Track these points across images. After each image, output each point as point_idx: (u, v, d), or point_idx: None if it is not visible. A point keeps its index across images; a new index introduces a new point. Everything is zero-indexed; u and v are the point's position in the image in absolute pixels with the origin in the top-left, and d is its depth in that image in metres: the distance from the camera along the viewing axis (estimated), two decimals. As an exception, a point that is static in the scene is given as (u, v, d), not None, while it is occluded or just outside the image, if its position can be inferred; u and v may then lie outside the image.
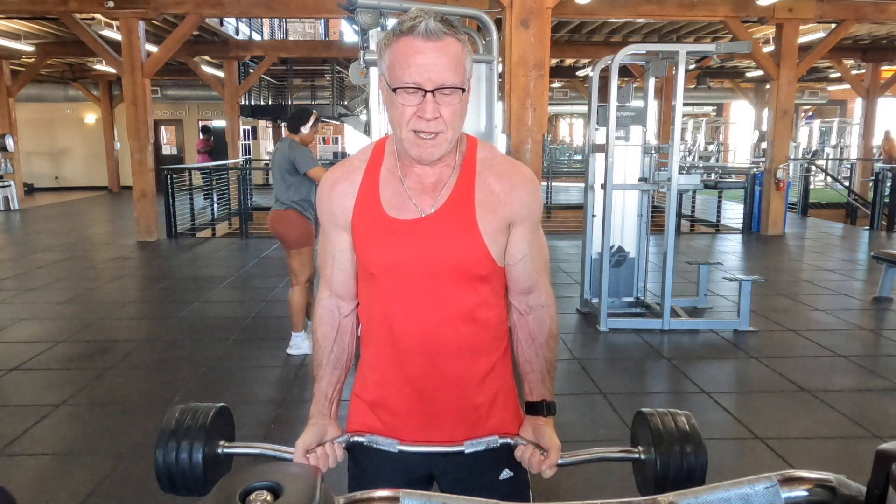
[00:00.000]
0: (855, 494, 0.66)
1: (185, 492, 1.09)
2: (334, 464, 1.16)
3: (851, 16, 8.81)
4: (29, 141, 16.63)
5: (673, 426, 1.07)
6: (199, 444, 1.07)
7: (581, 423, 3.38)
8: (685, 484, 1.01)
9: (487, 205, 1.15)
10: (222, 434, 1.15)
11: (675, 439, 1.05)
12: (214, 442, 1.11)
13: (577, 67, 15.85)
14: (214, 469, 1.11)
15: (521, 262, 1.20)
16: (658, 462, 1.04)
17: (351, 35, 13.99)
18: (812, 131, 21.21)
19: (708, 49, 4.80)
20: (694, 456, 1.04)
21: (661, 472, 1.03)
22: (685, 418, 1.09)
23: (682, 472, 1.03)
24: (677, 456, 1.04)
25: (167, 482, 1.07)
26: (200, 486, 1.08)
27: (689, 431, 1.07)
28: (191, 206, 10.10)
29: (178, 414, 1.11)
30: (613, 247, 5.20)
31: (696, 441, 1.06)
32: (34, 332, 4.89)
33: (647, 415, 1.10)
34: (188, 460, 1.06)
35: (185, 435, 1.07)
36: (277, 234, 4.32)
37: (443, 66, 1.04)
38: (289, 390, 3.76)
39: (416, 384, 1.20)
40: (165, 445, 1.07)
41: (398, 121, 1.09)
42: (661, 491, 1.04)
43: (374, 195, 1.17)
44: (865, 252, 8.31)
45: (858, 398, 3.63)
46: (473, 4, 5.71)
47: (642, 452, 1.11)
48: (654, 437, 1.07)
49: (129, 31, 8.40)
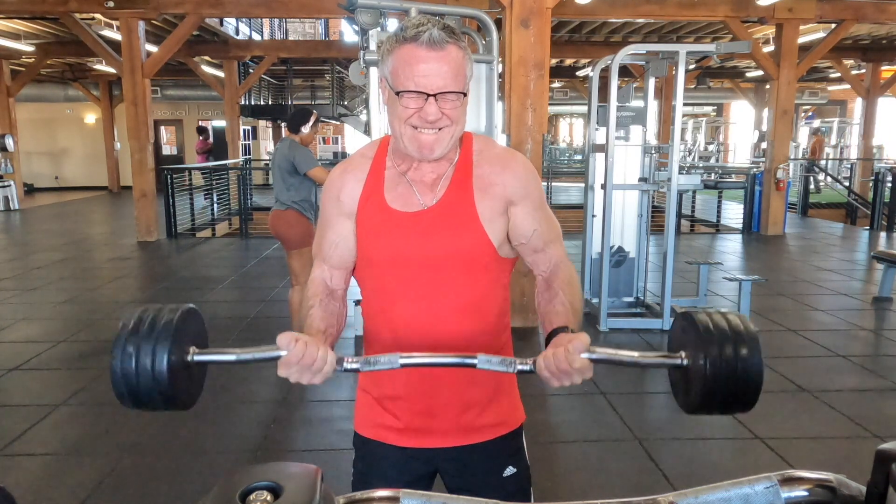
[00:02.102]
0: (855, 494, 0.66)
1: (149, 406, 0.94)
2: (322, 365, 1.00)
3: (851, 16, 8.81)
4: (29, 141, 16.63)
5: (725, 324, 0.92)
6: (163, 348, 0.92)
7: (581, 423, 3.38)
8: (737, 396, 0.89)
9: (484, 190, 1.18)
10: (193, 340, 1.00)
11: (728, 339, 0.89)
12: (183, 348, 0.96)
13: (577, 67, 15.85)
14: (184, 380, 0.96)
15: (532, 238, 1.19)
16: (707, 367, 0.88)
17: (351, 35, 13.99)
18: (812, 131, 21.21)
19: (708, 49, 4.80)
20: (750, 360, 0.88)
21: (711, 380, 0.88)
22: (738, 317, 0.94)
23: (735, 378, 0.88)
24: (731, 360, 0.88)
25: (128, 395, 0.92)
26: (168, 400, 0.94)
27: (744, 330, 0.91)
28: (191, 206, 10.10)
29: (139, 314, 0.96)
30: (613, 247, 5.20)
31: (752, 342, 0.90)
32: (34, 332, 4.89)
33: (692, 314, 0.95)
34: (151, 368, 0.91)
35: (146, 338, 0.92)
36: (278, 235, 4.32)
37: (445, 74, 1.08)
38: (289, 390, 3.76)
39: (417, 375, 1.21)
40: (123, 350, 0.91)
41: (399, 118, 1.12)
42: (708, 404, 0.91)
43: (378, 188, 1.20)
44: (865, 252, 8.31)
45: (858, 398, 3.63)
46: (473, 4, 5.71)
47: (686, 357, 0.95)
48: (702, 339, 0.90)
49: (129, 31, 8.40)
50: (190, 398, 1.01)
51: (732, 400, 0.90)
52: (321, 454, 2.99)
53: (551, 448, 3.05)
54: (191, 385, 1.00)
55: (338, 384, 3.87)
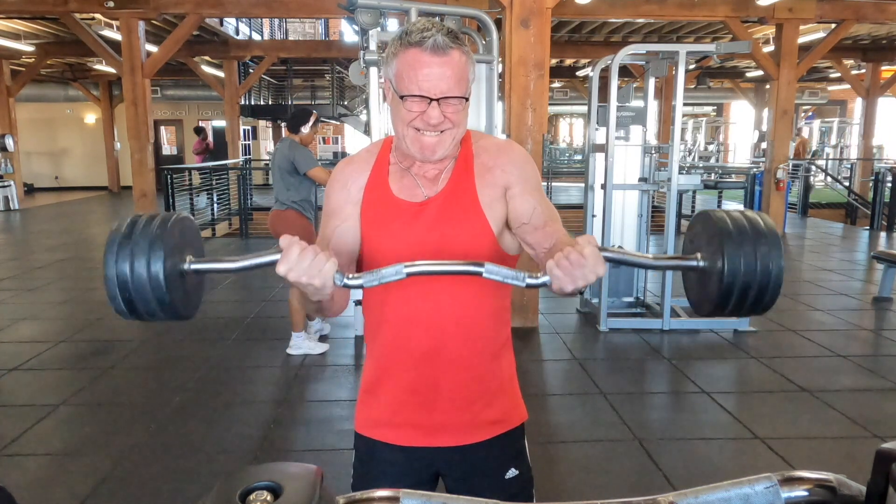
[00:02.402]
0: (855, 494, 0.66)
1: (147, 314, 0.91)
2: (322, 264, 0.96)
3: (851, 16, 8.81)
4: (29, 141, 16.63)
5: (744, 222, 0.87)
6: (158, 253, 0.88)
7: (581, 423, 3.38)
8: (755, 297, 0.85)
9: (483, 176, 1.20)
10: (189, 249, 0.97)
11: (747, 238, 0.85)
12: (178, 255, 0.93)
13: (577, 67, 15.85)
14: (181, 289, 0.93)
15: (533, 217, 1.18)
16: (725, 267, 0.84)
17: (351, 35, 13.99)
18: (812, 131, 21.21)
19: (708, 49, 4.80)
20: (769, 259, 0.84)
21: (729, 280, 0.85)
22: (757, 215, 0.90)
23: (754, 278, 0.84)
24: (751, 258, 0.84)
25: (123, 302, 0.89)
26: (165, 308, 0.90)
27: (764, 229, 0.87)
28: (191, 206, 10.10)
29: (130, 220, 0.92)
30: (613, 247, 5.20)
31: (773, 240, 0.85)
32: (34, 332, 4.89)
33: (709, 213, 0.92)
34: (146, 273, 0.87)
35: (140, 243, 0.88)
36: (277, 235, 4.31)
37: (448, 79, 1.10)
38: (289, 390, 3.76)
39: (419, 368, 1.21)
40: (117, 254, 0.88)
41: (402, 120, 1.14)
42: (724, 306, 0.88)
43: (383, 179, 1.23)
44: (865, 252, 8.31)
45: (858, 398, 3.63)
46: (473, 4, 5.71)
47: (702, 259, 0.91)
48: (720, 238, 0.86)
49: (129, 31, 8.40)
50: (188, 308, 0.98)
51: (752, 301, 0.86)
52: (321, 454, 2.98)
53: (551, 448, 3.05)
54: (189, 294, 0.97)
55: (338, 384, 3.87)
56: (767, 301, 0.87)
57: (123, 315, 0.92)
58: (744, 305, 0.88)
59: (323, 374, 4.03)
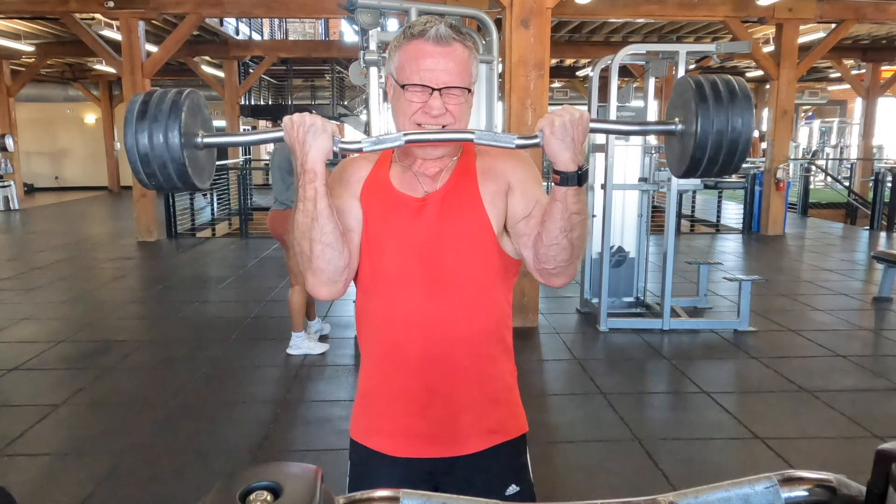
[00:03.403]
0: (855, 494, 0.66)
1: (166, 181, 0.96)
2: (325, 125, 1.05)
3: (851, 16, 8.81)
4: (29, 141, 16.62)
5: (719, 86, 0.91)
6: (174, 124, 0.92)
7: (581, 423, 3.38)
8: (725, 156, 0.89)
9: (486, 173, 1.20)
10: (200, 125, 1.01)
11: (721, 100, 0.89)
12: (192, 130, 0.97)
13: (577, 67, 15.84)
14: (195, 161, 0.97)
15: (535, 210, 1.16)
16: (698, 128, 0.88)
17: (351, 35, 13.97)
18: (812, 131, 21.22)
19: (708, 49, 4.80)
20: (740, 119, 0.88)
21: (702, 140, 0.88)
22: (734, 80, 0.93)
23: (724, 137, 0.88)
24: (722, 119, 0.88)
25: (144, 169, 0.94)
26: (182, 176, 0.95)
27: (737, 91, 0.90)
28: (191, 206, 10.10)
29: (143, 98, 0.96)
30: (613, 247, 5.20)
31: (744, 102, 0.89)
32: (34, 332, 4.89)
33: (687, 79, 0.95)
34: (164, 141, 0.92)
35: (157, 114, 0.92)
36: (277, 235, 4.32)
37: (450, 69, 1.10)
38: (289, 390, 3.76)
39: (416, 373, 1.20)
40: (136, 125, 0.91)
41: (404, 114, 1.13)
42: (697, 166, 0.92)
43: (384, 175, 1.22)
44: (865, 252, 8.31)
45: (858, 398, 3.63)
46: (473, 4, 5.70)
47: (679, 122, 0.96)
48: (695, 102, 0.90)
49: (129, 31, 8.40)
50: (202, 178, 1.06)
51: (723, 160, 0.91)
52: (321, 454, 2.98)
53: (551, 448, 3.05)
54: (202, 167, 1.03)
55: (338, 384, 3.87)
56: (737, 160, 0.92)
57: (146, 186, 1.00)
58: (716, 165, 0.92)
59: (323, 374, 4.03)
